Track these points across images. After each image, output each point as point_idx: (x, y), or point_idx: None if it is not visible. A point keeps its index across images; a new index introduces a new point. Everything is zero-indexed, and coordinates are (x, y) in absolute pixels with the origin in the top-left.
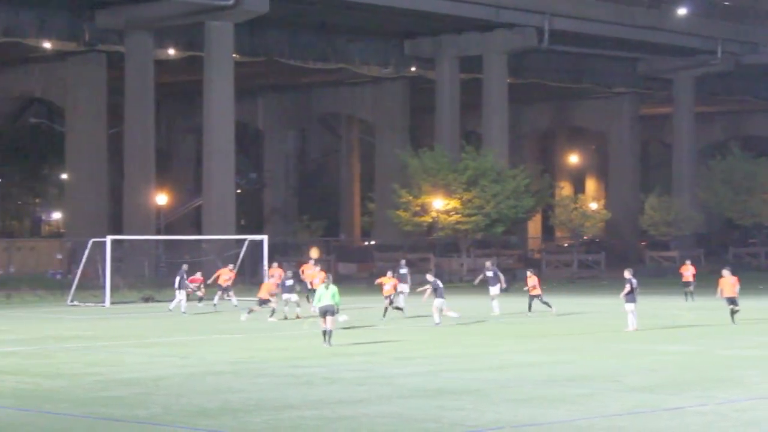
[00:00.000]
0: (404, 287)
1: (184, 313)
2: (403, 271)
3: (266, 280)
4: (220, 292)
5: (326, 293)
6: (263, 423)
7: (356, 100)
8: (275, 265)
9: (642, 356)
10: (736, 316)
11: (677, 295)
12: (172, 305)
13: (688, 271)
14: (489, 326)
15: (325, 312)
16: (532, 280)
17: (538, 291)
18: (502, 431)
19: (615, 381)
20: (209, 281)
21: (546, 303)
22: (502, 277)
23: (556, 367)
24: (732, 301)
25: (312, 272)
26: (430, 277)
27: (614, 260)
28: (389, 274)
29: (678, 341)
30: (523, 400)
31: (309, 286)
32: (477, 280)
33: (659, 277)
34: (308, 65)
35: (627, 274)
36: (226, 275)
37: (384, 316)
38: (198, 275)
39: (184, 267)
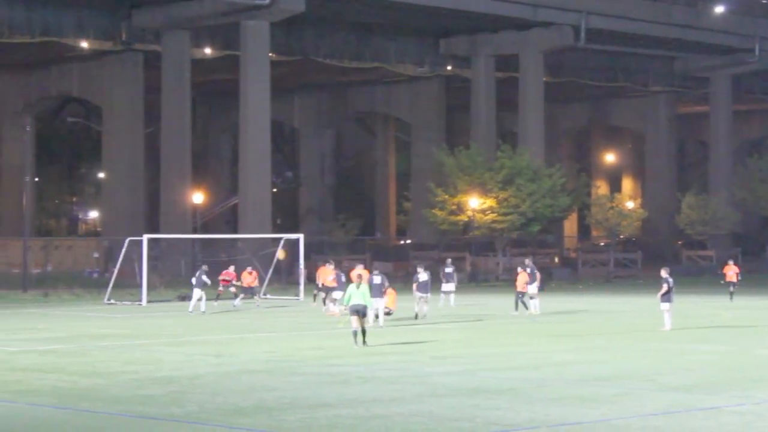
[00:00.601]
0: (450, 286)
1: (203, 312)
2: (449, 270)
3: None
4: (242, 294)
5: (357, 292)
6: (298, 421)
7: (392, 99)
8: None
9: (678, 356)
10: None
11: (714, 294)
12: (190, 307)
13: (731, 271)
14: (525, 325)
15: (356, 311)
16: (522, 277)
17: (525, 289)
18: (538, 431)
19: (650, 380)
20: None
21: (524, 304)
22: (538, 275)
23: (592, 367)
24: None
25: (325, 271)
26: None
27: (651, 259)
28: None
29: (715, 341)
30: (559, 400)
31: (320, 285)
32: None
33: (696, 276)
34: (344, 64)
35: (664, 273)
36: (246, 278)
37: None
38: (231, 269)
39: (204, 267)
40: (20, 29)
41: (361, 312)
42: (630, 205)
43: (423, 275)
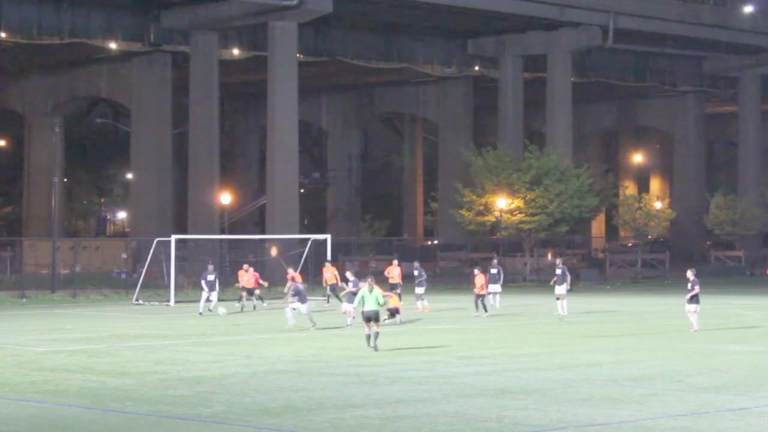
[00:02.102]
0: (496, 287)
1: (200, 313)
2: (494, 270)
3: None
4: (244, 294)
5: (369, 297)
6: (326, 422)
7: (419, 100)
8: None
9: (707, 356)
10: None
11: (743, 294)
12: (201, 308)
13: None
14: (551, 326)
15: (368, 318)
16: (479, 279)
17: (484, 291)
18: (566, 431)
19: (679, 381)
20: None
21: (484, 306)
22: (569, 277)
23: (620, 367)
24: None
25: (331, 273)
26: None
27: (679, 260)
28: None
29: (744, 341)
30: (587, 400)
31: (323, 284)
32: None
33: (724, 276)
34: (371, 65)
35: (691, 275)
36: (243, 277)
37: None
38: (251, 270)
39: (210, 267)
40: (49, 30)
41: (373, 318)
42: (658, 205)
43: (494, 269)
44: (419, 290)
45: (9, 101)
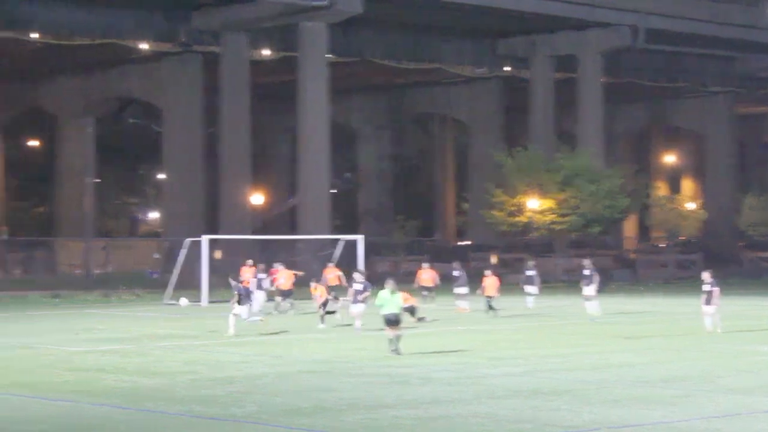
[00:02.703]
0: (533, 289)
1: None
2: (531, 273)
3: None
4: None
5: (390, 300)
6: (358, 422)
7: (450, 100)
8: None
9: (739, 357)
10: None
11: None
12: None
13: None
14: (583, 326)
15: (389, 322)
16: (491, 280)
17: (492, 293)
18: None
19: (711, 382)
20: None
21: (492, 307)
22: (596, 278)
23: (652, 368)
24: None
25: (334, 275)
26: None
27: (711, 261)
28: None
29: None
30: (619, 401)
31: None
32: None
33: (757, 277)
34: (402, 65)
35: (708, 276)
36: (245, 274)
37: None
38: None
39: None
40: (81, 31)
41: (393, 321)
42: (690, 206)
43: (531, 271)
44: (460, 290)
45: (41, 102)
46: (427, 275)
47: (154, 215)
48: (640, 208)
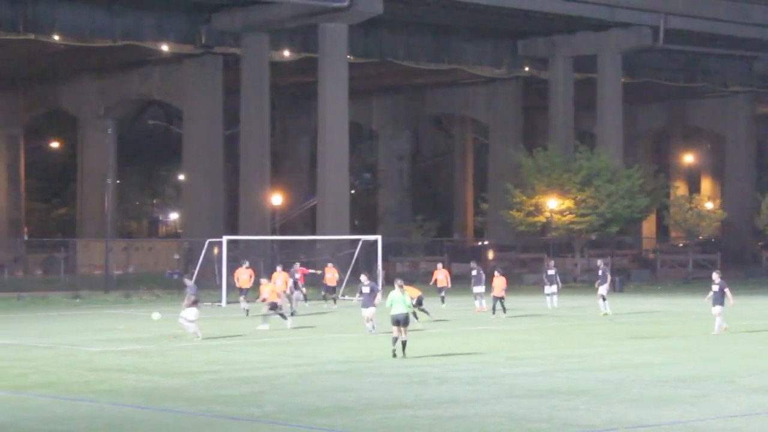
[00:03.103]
0: (553, 288)
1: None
2: (551, 272)
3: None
4: (242, 297)
5: (399, 299)
6: (376, 422)
7: (469, 101)
8: (279, 269)
9: (757, 357)
10: None
11: None
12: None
13: None
14: (601, 326)
15: (397, 321)
16: (500, 280)
17: (502, 294)
18: None
19: (729, 382)
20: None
21: (503, 307)
22: (609, 277)
23: (670, 368)
24: None
25: (332, 275)
26: (365, 279)
27: (730, 260)
28: (264, 281)
29: None
30: (637, 401)
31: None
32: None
33: None
34: (421, 66)
35: (717, 277)
36: (243, 274)
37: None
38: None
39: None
40: (102, 33)
41: (402, 322)
42: (709, 206)
43: (551, 270)
44: (478, 289)
45: (63, 103)
46: (441, 276)
47: (174, 216)
48: (659, 208)
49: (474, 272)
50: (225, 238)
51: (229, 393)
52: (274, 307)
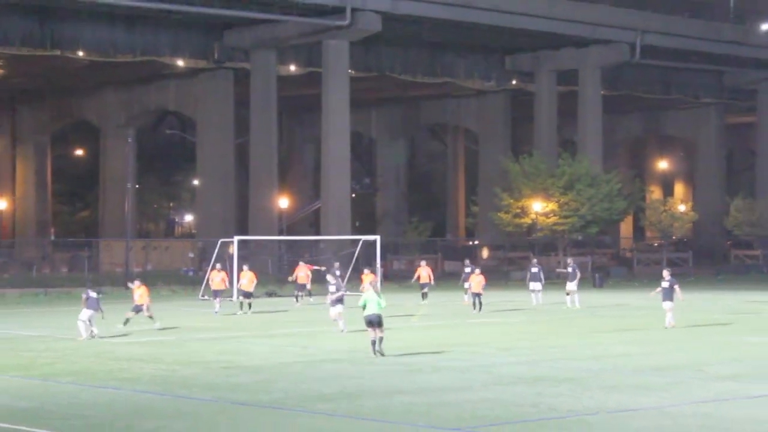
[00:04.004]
0: (537, 285)
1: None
2: (535, 270)
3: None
4: (217, 299)
5: (374, 300)
6: (376, 407)
7: (461, 111)
8: (218, 266)
9: (727, 347)
10: None
11: (760, 290)
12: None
13: None
14: (582, 320)
15: (371, 322)
16: (479, 278)
17: (480, 290)
18: (596, 416)
19: (700, 370)
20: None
21: (480, 304)
22: (578, 274)
23: (646, 358)
24: None
25: (304, 273)
26: (332, 278)
27: (701, 259)
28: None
29: (761, 333)
30: (616, 388)
31: (295, 282)
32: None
33: (743, 274)
34: (417, 79)
35: (666, 274)
36: (216, 277)
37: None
38: (304, 265)
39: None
40: (123, 49)
41: (375, 323)
42: (682, 208)
43: (535, 268)
44: (534, 285)
45: (86, 114)
46: (425, 273)
47: (189, 218)
48: (635, 210)
49: (467, 269)
50: (236, 238)
51: (239, 381)
52: (248, 296)
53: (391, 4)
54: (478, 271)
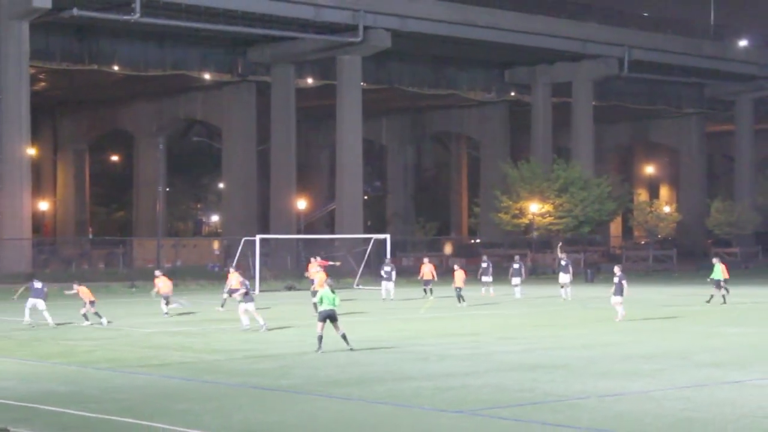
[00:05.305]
0: (517, 280)
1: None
2: (516, 266)
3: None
4: (225, 296)
5: (330, 297)
6: (386, 391)
7: (464, 121)
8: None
9: (710, 337)
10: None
11: (738, 285)
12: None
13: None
14: (575, 311)
15: (325, 318)
16: (459, 273)
17: (461, 285)
18: (588, 400)
19: (684, 358)
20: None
21: (461, 297)
22: (570, 268)
23: (634, 346)
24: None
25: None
26: (239, 277)
27: (684, 256)
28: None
29: (740, 324)
30: (606, 374)
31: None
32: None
33: None
34: (424, 91)
35: (618, 270)
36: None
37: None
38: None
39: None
40: (154, 64)
41: (330, 318)
42: (666, 209)
43: (516, 264)
44: (486, 279)
45: (121, 123)
46: (427, 270)
47: (215, 218)
48: (624, 211)
49: (484, 264)
50: (258, 237)
51: (261, 367)
52: (232, 293)
53: (400, 22)
54: (457, 266)
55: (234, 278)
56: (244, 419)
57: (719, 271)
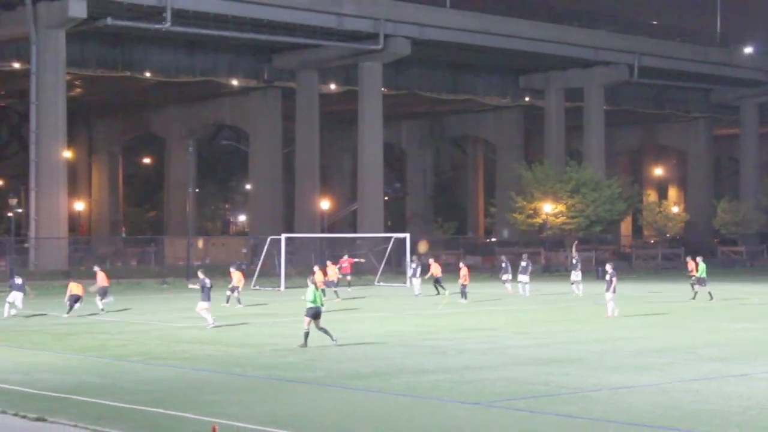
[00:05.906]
0: (525, 278)
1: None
2: (524, 263)
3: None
4: (229, 293)
5: (314, 294)
6: (404, 384)
7: (480, 125)
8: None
9: (716, 332)
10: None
11: (744, 282)
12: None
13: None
14: (587, 307)
15: (314, 314)
16: (463, 271)
17: (466, 281)
18: (601, 393)
19: (692, 353)
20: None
21: (465, 294)
22: (579, 265)
23: (644, 341)
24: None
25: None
26: (201, 275)
27: (692, 254)
28: (233, 268)
29: (746, 320)
30: (617, 368)
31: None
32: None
33: (728, 267)
34: (442, 97)
35: (609, 268)
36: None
37: (228, 302)
38: (346, 257)
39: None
40: (184, 71)
41: (315, 315)
42: (675, 209)
43: (524, 261)
44: (506, 277)
45: (153, 127)
46: (436, 268)
47: (242, 218)
48: (634, 212)
49: (503, 264)
50: (284, 236)
51: (287, 361)
52: (233, 290)
53: (419, 30)
54: (432, 260)
55: (236, 276)
56: (269, 411)
57: (704, 269)
